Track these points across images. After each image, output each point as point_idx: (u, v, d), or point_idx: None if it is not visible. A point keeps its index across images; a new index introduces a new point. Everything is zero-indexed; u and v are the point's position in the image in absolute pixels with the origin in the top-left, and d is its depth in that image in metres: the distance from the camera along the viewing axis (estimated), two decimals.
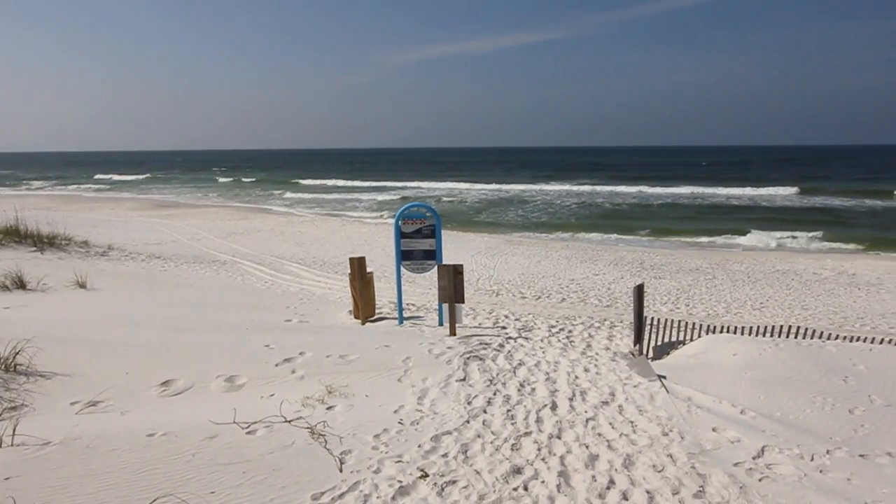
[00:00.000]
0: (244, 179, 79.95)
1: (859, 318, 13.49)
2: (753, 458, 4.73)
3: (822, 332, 9.73)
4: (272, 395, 5.54)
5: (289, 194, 57.28)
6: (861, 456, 4.83)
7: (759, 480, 4.36)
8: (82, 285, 10.57)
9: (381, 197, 53.82)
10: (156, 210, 39.03)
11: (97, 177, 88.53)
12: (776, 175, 77.84)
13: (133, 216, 34.39)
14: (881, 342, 9.17)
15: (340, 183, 72.35)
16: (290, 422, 4.83)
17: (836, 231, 31.91)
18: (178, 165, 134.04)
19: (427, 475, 4.19)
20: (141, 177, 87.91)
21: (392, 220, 10.94)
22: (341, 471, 4.15)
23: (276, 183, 72.29)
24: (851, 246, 27.86)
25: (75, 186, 70.23)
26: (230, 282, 14.02)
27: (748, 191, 56.21)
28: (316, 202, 49.58)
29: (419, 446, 4.64)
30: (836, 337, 9.45)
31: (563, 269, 19.40)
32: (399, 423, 5.08)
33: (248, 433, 4.56)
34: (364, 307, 9.69)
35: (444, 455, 4.54)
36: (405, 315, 10.24)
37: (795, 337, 9.28)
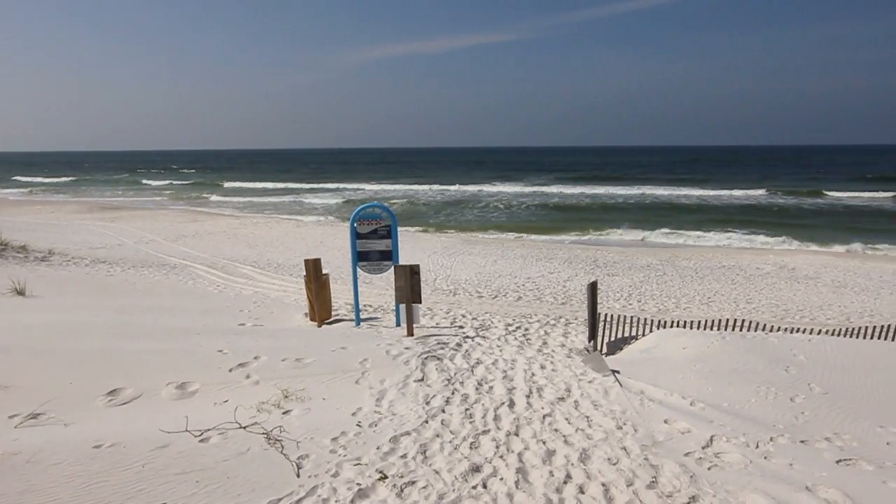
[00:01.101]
0: (175, 182, 74.83)
1: (799, 311, 14.12)
2: (703, 448, 4.89)
3: (765, 325, 10.14)
4: (226, 402, 5.41)
5: (217, 197, 54.04)
6: (802, 442, 5.06)
7: (709, 469, 4.51)
8: (20, 292, 10.08)
9: (333, 199, 53.06)
10: (100, 213, 37.53)
11: (16, 178, 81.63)
12: (728, 174, 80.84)
13: (75, 219, 32.97)
14: (819, 333, 9.62)
15: (291, 185, 70.58)
16: (245, 428, 4.73)
17: (781, 228, 33.36)
18: (102, 167, 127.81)
19: (386, 477, 4.18)
20: (68, 179, 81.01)
21: (345, 221, 10.86)
22: (299, 476, 4.09)
23: (209, 186, 68.26)
24: (794, 242, 29.14)
25: None
26: (181, 286, 13.62)
27: (696, 191, 58.07)
28: (254, 205, 47.42)
29: (378, 448, 4.62)
30: (778, 329, 9.87)
31: (519, 268, 19.62)
32: (357, 425, 5.04)
33: (202, 441, 4.45)
34: (320, 309, 9.58)
35: (403, 456, 4.53)
36: (362, 316, 10.17)
37: (741, 330, 9.65)
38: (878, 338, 9.51)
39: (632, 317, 10.12)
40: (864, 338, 9.44)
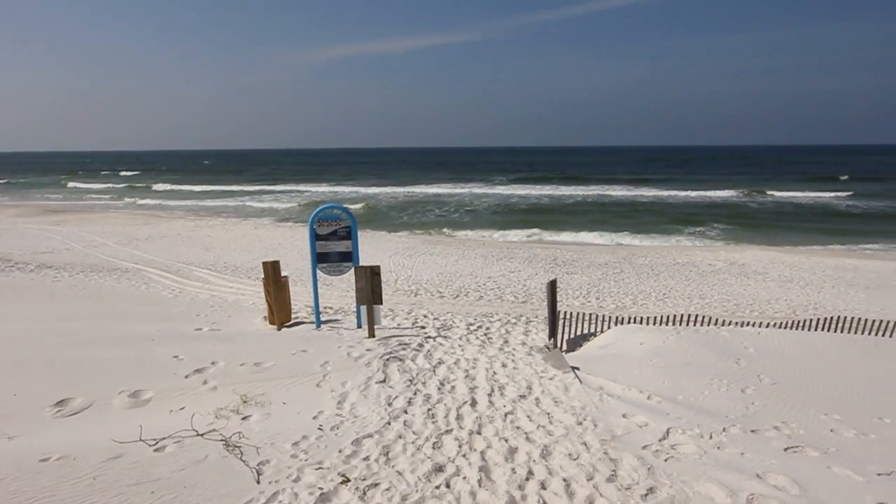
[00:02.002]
0: (110, 185, 70.63)
1: (749, 305, 14.63)
2: (659, 441, 5.02)
3: (717, 319, 10.47)
4: (182, 409, 5.27)
5: (149, 200, 52.51)
6: (752, 431, 5.24)
7: (665, 461, 4.63)
8: None
9: (290, 201, 52.28)
10: (45, 216, 36.01)
11: None
12: (684, 174, 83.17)
13: (18, 223, 31.57)
14: (767, 326, 9.99)
15: (245, 188, 68.85)
16: (202, 435, 4.62)
17: (733, 226, 34.52)
18: (37, 168, 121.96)
19: (348, 480, 4.14)
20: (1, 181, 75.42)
21: (303, 224, 10.72)
22: (259, 482, 4.01)
23: (138, 190, 64.74)
24: (743, 239, 30.18)
25: None
26: (133, 291, 13.19)
27: (653, 191, 59.50)
28: (199, 208, 45.97)
29: (340, 451, 4.58)
30: (730, 323, 10.21)
31: (480, 268, 19.73)
32: (319, 428, 4.98)
33: (157, 450, 4.32)
34: (279, 312, 9.42)
35: (366, 458, 4.50)
36: (322, 319, 10.05)
37: (694, 325, 9.94)
38: (822, 329, 9.94)
39: (591, 314, 10.30)
40: (809, 330, 9.85)
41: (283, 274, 9.68)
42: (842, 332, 9.82)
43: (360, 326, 9.24)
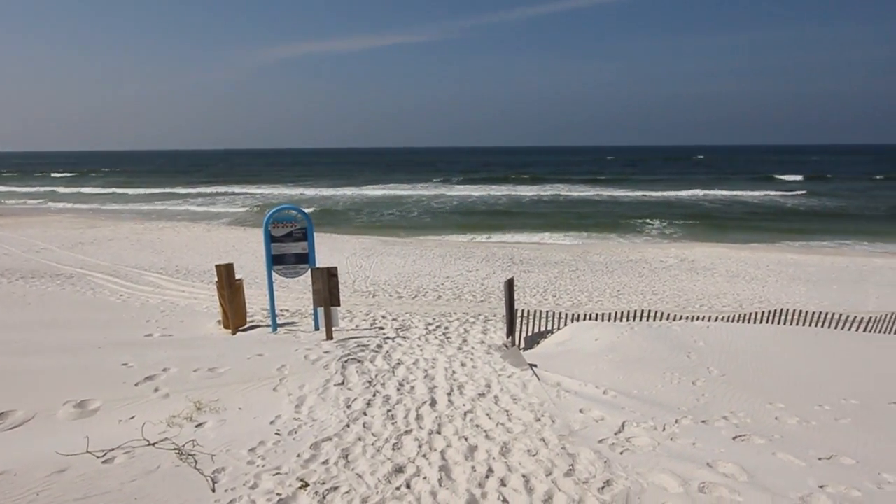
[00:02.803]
0: (53, 188, 65.92)
1: (699, 300, 15.12)
2: (615, 434, 5.13)
3: (669, 314, 10.78)
4: (132, 418, 5.10)
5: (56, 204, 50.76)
6: (703, 422, 5.42)
7: (621, 453, 4.74)
8: None
9: (244, 203, 51.22)
10: None
11: None
12: (633, 173, 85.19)
13: None
14: (716, 320, 10.34)
15: (200, 190, 67.32)
16: (153, 444, 4.48)
17: (684, 224, 35.57)
18: None
19: (307, 484, 4.09)
20: None
21: (256, 227, 10.51)
22: (214, 490, 3.92)
23: (77, 194, 61.43)
24: (694, 236, 31.16)
25: None
26: (79, 297, 12.67)
27: (600, 190, 60.78)
28: (148, 211, 44.24)
29: (298, 456, 4.52)
30: (681, 318, 10.52)
31: (438, 267, 19.76)
32: (276, 433, 4.90)
33: (105, 462, 4.17)
34: (234, 316, 9.22)
35: (325, 462, 4.45)
36: (279, 322, 9.89)
37: (647, 320, 10.20)
38: (767, 322, 10.35)
39: (547, 311, 10.44)
40: (755, 323, 10.24)
41: (237, 277, 9.48)
42: (785, 324, 10.25)
43: (317, 329, 9.13)
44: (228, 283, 9.11)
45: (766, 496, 4.00)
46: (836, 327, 10.11)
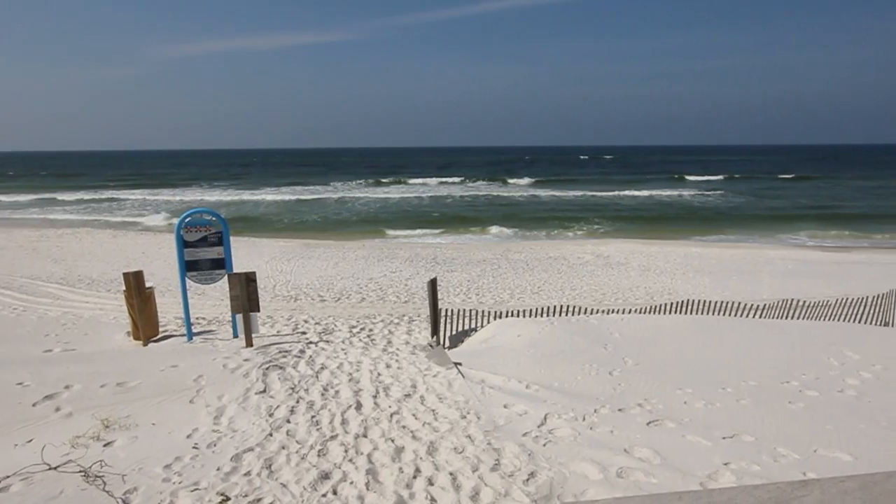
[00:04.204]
0: None
1: (614, 293, 15.82)
2: (538, 427, 5.28)
3: (586, 308, 11.21)
4: (30, 441, 4.73)
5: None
6: (619, 410, 5.68)
7: (544, 445, 4.89)
8: None
9: (154, 208, 48.63)
10: None
11: None
12: (530, 171, 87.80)
13: None
14: (630, 312, 10.86)
15: (105, 194, 63.24)
16: (55, 468, 4.17)
17: (597, 221, 37.07)
18: None
19: (228, 498, 3.94)
20: None
21: (166, 233, 10.00)
22: None
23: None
24: (606, 232, 32.54)
25: None
26: None
27: (515, 191, 62.34)
28: (45, 217, 41.29)
29: (218, 469, 4.34)
30: (598, 311, 10.97)
31: (362, 269, 19.58)
32: (194, 447, 4.69)
33: (0, 491, 3.84)
34: (145, 326, 8.74)
35: (247, 473, 4.31)
36: (195, 330, 9.46)
37: (566, 315, 10.56)
38: (676, 312, 10.98)
39: (471, 310, 10.58)
40: (665, 313, 10.84)
41: (148, 285, 8.99)
42: (691, 313, 10.91)
43: (236, 336, 8.82)
44: (138, 292, 8.63)
45: (677, 476, 4.25)
46: (736, 315, 10.87)
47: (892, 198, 48.95)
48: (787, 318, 10.95)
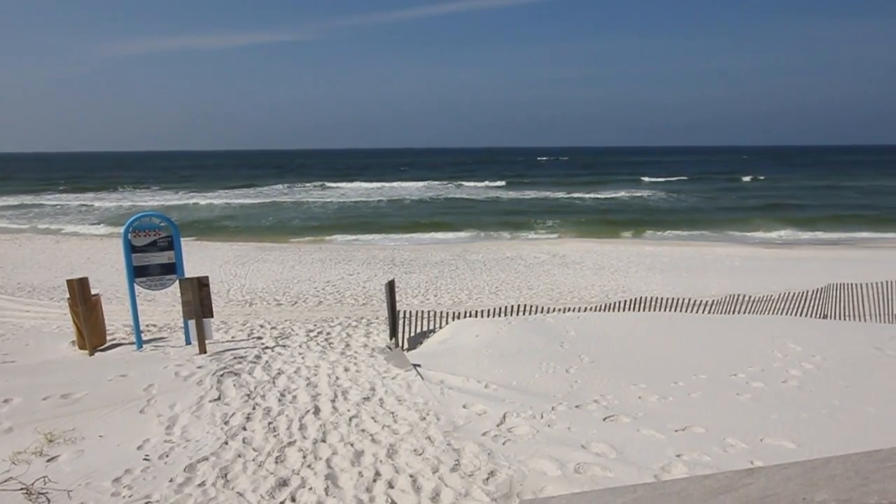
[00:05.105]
0: None
1: (570, 292, 16.09)
2: (497, 426, 5.33)
3: (543, 307, 11.36)
4: None
5: None
6: (576, 406, 5.78)
7: (503, 444, 4.93)
8: None
9: (100, 212, 46.86)
10: None
11: None
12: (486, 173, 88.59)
13: None
14: (585, 310, 11.07)
15: (47, 198, 60.46)
16: None
17: (552, 221, 37.63)
18: None
19: None
20: None
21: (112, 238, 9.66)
22: None
23: None
24: (561, 232, 33.07)
25: None
26: None
27: (467, 192, 62.74)
28: None
29: (171, 480, 4.22)
30: (554, 310, 11.13)
31: (319, 272, 19.34)
32: (144, 459, 4.54)
33: None
34: (91, 335, 8.40)
35: (202, 484, 4.20)
36: (145, 338, 9.16)
37: (524, 314, 10.68)
38: (630, 310, 11.25)
39: (429, 311, 10.59)
40: (620, 311, 11.09)
41: (94, 291, 8.66)
42: (645, 310, 11.19)
43: (189, 343, 8.58)
44: (83, 300, 8.30)
45: (632, 469, 4.35)
46: (687, 311, 11.21)
47: (835, 196, 51.42)
48: (734, 312, 11.36)
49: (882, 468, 1.36)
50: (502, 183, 72.59)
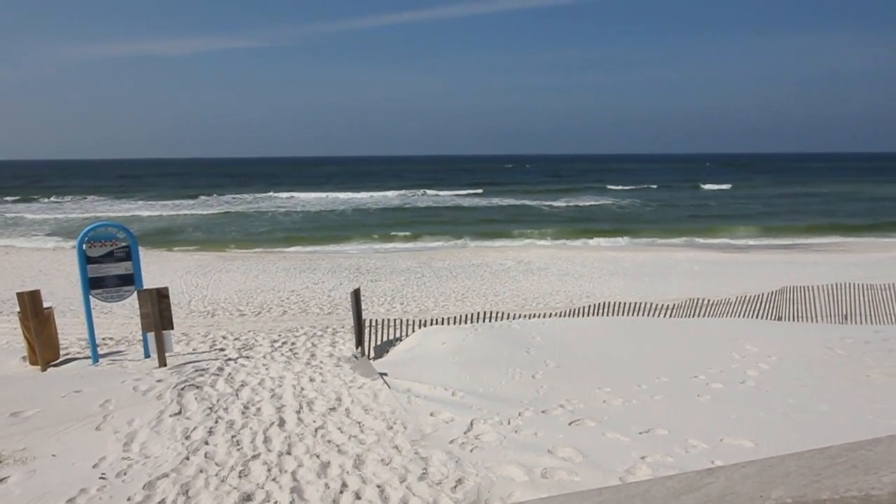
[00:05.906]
0: None
1: (535, 298, 16.23)
2: (465, 433, 5.33)
3: (509, 314, 11.42)
4: None
5: None
6: (543, 412, 5.83)
7: (471, 451, 4.93)
8: None
9: (54, 222, 45.34)
10: None
11: None
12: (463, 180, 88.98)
13: None
14: (550, 316, 11.18)
15: None
16: None
17: (518, 227, 37.98)
18: None
19: None
20: None
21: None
22: None
23: None
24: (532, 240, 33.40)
25: None
26: None
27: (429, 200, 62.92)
28: None
29: (129, 499, 4.08)
30: (520, 316, 11.20)
31: (283, 281, 19.07)
32: (101, 478, 4.39)
33: None
34: (43, 350, 8.09)
35: (162, 502, 4.08)
36: (102, 352, 8.86)
37: (490, 321, 10.72)
38: (594, 315, 11.40)
39: (395, 319, 10.53)
40: (584, 316, 11.24)
41: (46, 304, 8.35)
42: (608, 315, 11.37)
43: (148, 356, 8.34)
44: (34, 313, 7.99)
45: (598, 473, 4.41)
46: (648, 315, 11.43)
47: (793, 203, 53.26)
48: (694, 316, 11.63)
49: (833, 464, 1.41)
50: (470, 191, 72.93)
